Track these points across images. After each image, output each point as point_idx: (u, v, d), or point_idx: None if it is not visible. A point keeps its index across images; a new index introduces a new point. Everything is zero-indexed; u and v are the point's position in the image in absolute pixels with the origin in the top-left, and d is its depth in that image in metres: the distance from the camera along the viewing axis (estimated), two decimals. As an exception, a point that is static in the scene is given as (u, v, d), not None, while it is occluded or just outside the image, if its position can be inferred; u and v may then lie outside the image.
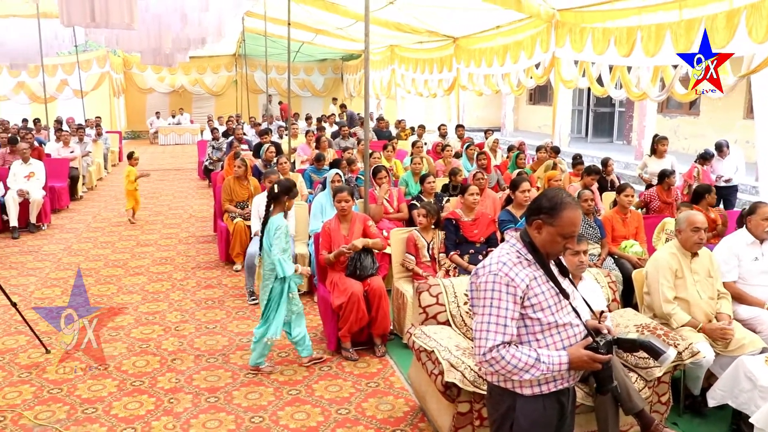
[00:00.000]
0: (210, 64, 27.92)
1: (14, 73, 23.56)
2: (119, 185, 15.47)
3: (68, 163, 13.20)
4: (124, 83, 27.97)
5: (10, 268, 8.62)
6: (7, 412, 4.86)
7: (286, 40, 12.02)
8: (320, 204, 7.31)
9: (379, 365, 5.64)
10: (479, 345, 2.84)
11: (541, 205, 2.89)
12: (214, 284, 7.89)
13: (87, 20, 8.57)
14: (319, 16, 16.40)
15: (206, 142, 16.35)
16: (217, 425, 4.64)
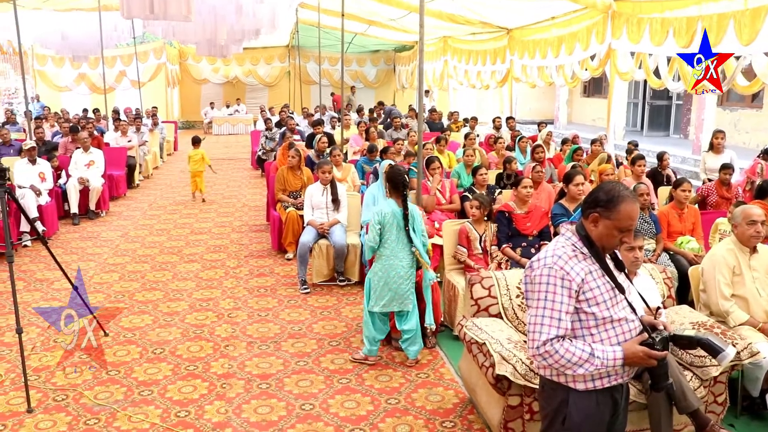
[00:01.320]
0: (263, 55, 28.18)
1: (76, 65, 24.23)
2: (174, 174, 15.83)
3: (126, 152, 13.51)
4: (179, 74, 28.47)
5: (71, 253, 8.89)
6: (69, 391, 5.03)
7: (339, 32, 12.04)
8: (372, 195, 7.31)
9: (429, 356, 5.64)
10: (533, 338, 2.82)
11: (598, 198, 2.85)
12: (267, 273, 8.00)
13: (146, 12, 8.76)
14: (372, 7, 16.40)
15: (259, 133, 16.54)
16: (268, 411, 4.70)
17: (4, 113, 18.74)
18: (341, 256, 7.36)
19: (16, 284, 5.07)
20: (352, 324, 6.35)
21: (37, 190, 9.59)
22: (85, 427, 4.50)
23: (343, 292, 7.28)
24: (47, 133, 14.19)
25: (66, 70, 25.41)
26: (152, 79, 25.90)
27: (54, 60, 24.96)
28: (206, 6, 12.18)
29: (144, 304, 6.93)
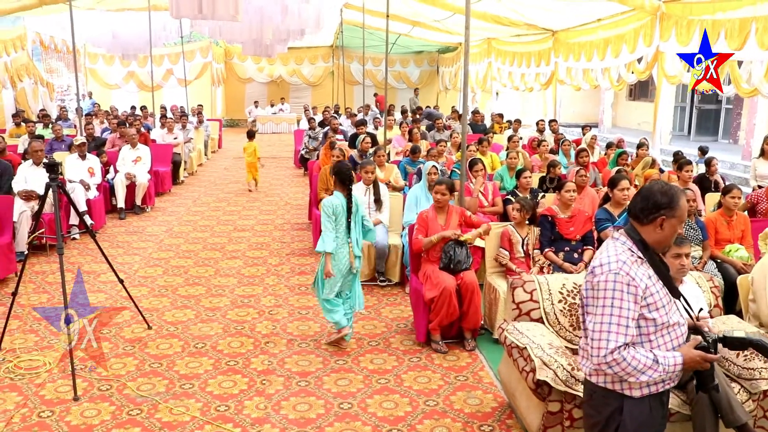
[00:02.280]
0: (308, 55, 28.37)
1: (125, 63, 24.73)
2: (218, 171, 16.03)
3: (172, 149, 13.72)
4: (224, 73, 28.81)
5: (117, 247, 9.07)
6: (113, 381, 5.14)
7: (384, 32, 12.07)
8: (415, 196, 7.33)
9: (469, 359, 5.62)
10: (599, 346, 2.79)
11: (659, 202, 2.84)
12: (308, 271, 8.05)
13: (195, 12, 8.91)
14: (417, 8, 16.39)
15: (303, 132, 16.65)
16: (307, 408, 4.74)
17: (57, 109, 19.17)
18: (382, 256, 7.37)
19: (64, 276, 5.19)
20: (392, 324, 6.37)
21: (86, 185, 9.81)
22: (128, 417, 4.59)
23: (384, 293, 7.30)
24: (97, 130, 14.51)
25: (116, 68, 25.95)
26: (198, 77, 26.28)
27: (105, 58, 25.50)
28: (253, 6, 12.32)
29: (187, 299, 7.04)
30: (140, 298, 6.76)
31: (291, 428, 4.48)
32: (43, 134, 12.90)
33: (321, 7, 13.78)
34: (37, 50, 21.04)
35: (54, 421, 4.54)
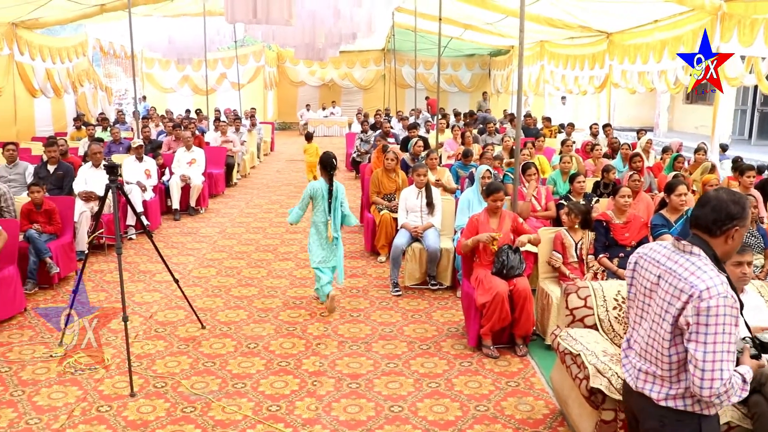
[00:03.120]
0: (359, 59, 28.51)
1: (180, 67, 25.24)
2: (270, 174, 16.22)
3: (225, 152, 13.94)
4: (277, 76, 29.16)
5: (171, 247, 9.25)
6: (168, 379, 5.25)
7: (435, 36, 12.05)
8: (467, 200, 7.29)
9: (520, 365, 5.57)
10: (713, 378, 2.62)
11: (732, 212, 2.72)
12: (359, 273, 8.09)
13: (249, 17, 9.03)
14: (469, 11, 16.32)
15: (354, 135, 16.72)
16: (358, 411, 4.75)
17: (115, 113, 19.68)
18: (434, 260, 7.35)
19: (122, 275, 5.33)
20: (443, 328, 6.35)
21: (142, 186, 10.04)
22: (182, 415, 4.68)
23: (435, 296, 7.28)
24: (153, 132, 14.82)
25: (171, 72, 26.50)
26: (251, 81, 26.64)
27: (161, 63, 26.06)
28: (305, 10, 12.44)
29: (240, 300, 7.13)
30: (194, 298, 6.88)
31: (341, 430, 4.50)
32: (102, 137, 13.23)
33: (373, 11, 13.84)
34: (97, 56, 21.64)
35: (112, 416, 4.66)
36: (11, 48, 15.61)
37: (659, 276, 2.84)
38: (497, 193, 6.00)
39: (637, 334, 3.00)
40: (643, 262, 2.99)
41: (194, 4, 16.89)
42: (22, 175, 9.26)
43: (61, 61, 18.28)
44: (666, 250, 2.89)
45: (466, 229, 6.03)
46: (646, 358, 2.91)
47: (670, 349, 2.76)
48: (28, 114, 16.89)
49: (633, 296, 3.06)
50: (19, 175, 9.25)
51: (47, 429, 4.50)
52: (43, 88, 17.42)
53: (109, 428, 4.51)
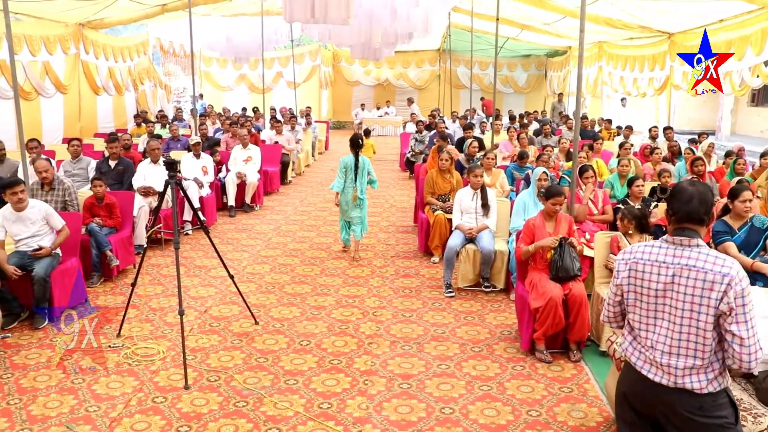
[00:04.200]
0: (414, 59, 28.50)
1: (237, 66, 25.61)
2: (325, 172, 16.32)
3: (281, 150, 14.07)
4: (332, 76, 29.35)
5: (227, 243, 9.38)
6: (221, 373, 5.32)
7: (491, 36, 11.97)
8: (523, 202, 7.21)
9: (574, 371, 5.47)
10: (757, 349, 2.85)
11: (710, 200, 3.00)
12: (412, 274, 8.06)
13: (307, 16, 9.10)
14: (527, 11, 16.16)
15: (409, 135, 16.70)
16: (408, 411, 4.73)
17: (173, 110, 20.09)
18: (488, 262, 7.28)
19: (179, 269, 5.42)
20: (496, 331, 6.28)
21: (199, 183, 10.21)
22: (234, 409, 4.73)
23: (488, 299, 7.21)
24: (210, 130, 15.07)
25: (228, 71, 26.91)
26: (307, 80, 26.86)
27: (218, 61, 26.48)
28: (362, 10, 12.47)
29: (293, 297, 7.19)
30: (248, 294, 6.96)
31: (392, 430, 4.49)
32: (161, 134, 13.52)
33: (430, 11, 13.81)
34: (157, 55, 22.10)
35: (166, 407, 4.74)
36: (77, 47, 16.10)
37: (674, 275, 2.95)
38: (558, 197, 5.90)
39: (656, 334, 3.05)
40: (642, 267, 3.06)
41: (252, 3, 17.12)
42: (85, 169, 9.52)
43: (123, 59, 18.77)
44: (666, 250, 3.02)
45: (523, 234, 5.95)
46: (680, 354, 2.97)
47: (711, 339, 2.91)
48: (91, 111, 17.37)
49: (635, 302, 3.13)
50: (83, 170, 9.50)
51: (105, 417, 4.62)
52: (106, 86, 17.89)
53: (164, 419, 4.59)
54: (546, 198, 5.98)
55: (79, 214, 7.47)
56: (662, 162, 10.63)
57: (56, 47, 15.12)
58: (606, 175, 10.12)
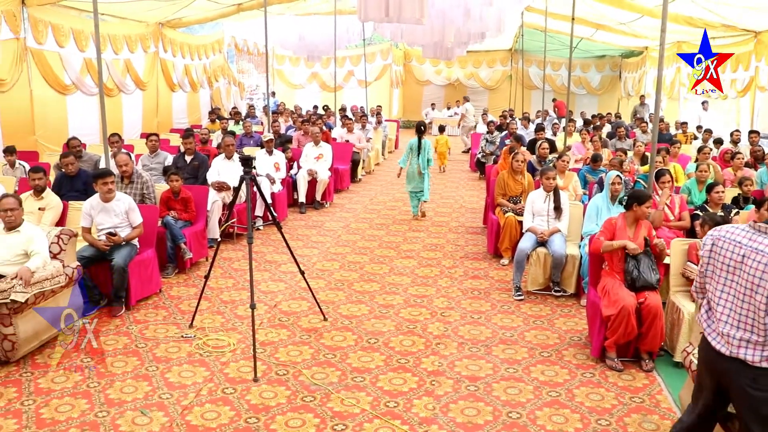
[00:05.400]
0: (486, 59, 28.28)
1: (309, 64, 25.97)
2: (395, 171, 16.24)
3: (351, 148, 14.17)
4: (403, 75, 29.40)
5: (297, 240, 9.49)
6: (290, 367, 5.39)
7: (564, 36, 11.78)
8: (596, 206, 7.05)
9: (646, 380, 5.33)
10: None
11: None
12: (481, 275, 8.00)
13: (381, 15, 9.15)
14: (602, 11, 15.83)
15: (479, 135, 16.58)
16: (475, 414, 4.70)
17: (246, 107, 20.47)
18: (559, 265, 7.16)
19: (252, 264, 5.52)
20: (566, 336, 6.17)
21: (271, 179, 10.37)
22: (302, 403, 4.79)
23: (558, 303, 7.09)
24: (282, 127, 15.28)
25: (300, 69, 27.26)
26: (378, 79, 26.98)
27: (291, 60, 26.86)
28: (436, 9, 12.45)
29: (361, 294, 7.23)
30: (317, 290, 7.02)
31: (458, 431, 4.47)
32: (235, 130, 13.78)
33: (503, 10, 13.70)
34: (231, 52, 22.58)
35: (236, 398, 4.83)
36: (157, 46, 16.63)
37: (744, 255, 3.25)
38: (649, 201, 5.75)
39: (722, 306, 3.38)
40: (723, 243, 3.38)
41: (326, 2, 17.32)
42: (162, 164, 9.79)
43: (198, 57, 19.28)
44: (744, 232, 3.32)
45: (605, 229, 5.81)
46: (739, 327, 3.27)
47: (765, 318, 3.16)
48: (167, 107, 17.91)
49: (712, 273, 3.46)
50: (160, 165, 9.77)
51: (177, 404, 4.74)
52: (181, 83, 18.40)
53: (233, 410, 4.68)
54: (639, 203, 5.78)
55: (156, 206, 7.69)
56: (744, 168, 10.23)
57: (137, 46, 15.66)
58: (683, 180, 9.80)
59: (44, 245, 5.82)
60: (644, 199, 5.76)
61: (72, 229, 6.38)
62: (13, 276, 5.39)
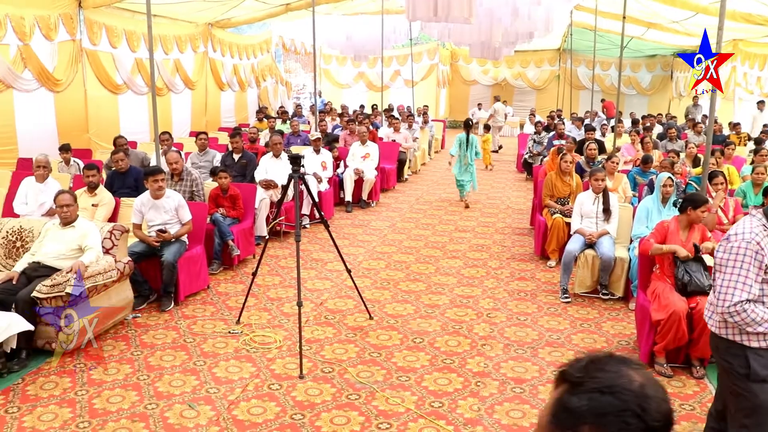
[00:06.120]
0: (533, 58, 28.03)
1: (356, 63, 26.06)
2: (440, 171, 16.32)
3: (398, 147, 14.17)
4: (449, 75, 29.31)
5: (343, 238, 9.52)
6: (335, 365, 5.41)
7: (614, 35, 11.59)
8: (646, 208, 6.92)
9: (696, 387, 5.20)
10: (724, 299, 3.44)
11: None
12: (528, 277, 7.92)
13: (430, 15, 9.13)
14: (655, 9, 15.53)
15: (527, 136, 16.44)
16: (521, 416, 4.65)
17: (293, 107, 20.66)
18: (607, 268, 7.04)
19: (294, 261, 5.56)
20: (613, 340, 6.07)
21: (318, 178, 10.43)
22: (347, 401, 4.80)
23: (605, 306, 6.97)
24: (328, 126, 15.38)
25: (347, 68, 27.40)
26: (424, 78, 26.96)
27: (337, 59, 27.02)
28: (484, 8, 12.38)
29: (407, 294, 7.22)
30: (363, 289, 7.00)
31: (504, 434, 4.43)
32: (282, 129, 13.91)
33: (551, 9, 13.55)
34: (279, 52, 22.79)
35: (281, 395, 4.87)
36: (206, 46, 16.89)
37: None
38: (705, 205, 5.62)
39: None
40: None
41: (373, 2, 17.38)
42: (211, 162, 9.93)
43: (246, 57, 19.53)
44: None
45: (656, 232, 5.69)
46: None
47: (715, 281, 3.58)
48: (216, 106, 18.18)
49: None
50: (209, 163, 9.92)
51: (224, 399, 4.80)
52: (230, 82, 18.65)
53: (279, 405, 4.72)
54: (694, 207, 5.65)
55: (204, 204, 7.81)
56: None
57: (187, 46, 15.94)
58: (737, 182, 9.56)
59: (98, 240, 5.96)
60: (700, 202, 5.62)
61: (123, 225, 6.53)
62: (68, 270, 5.53)
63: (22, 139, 11.30)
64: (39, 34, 11.39)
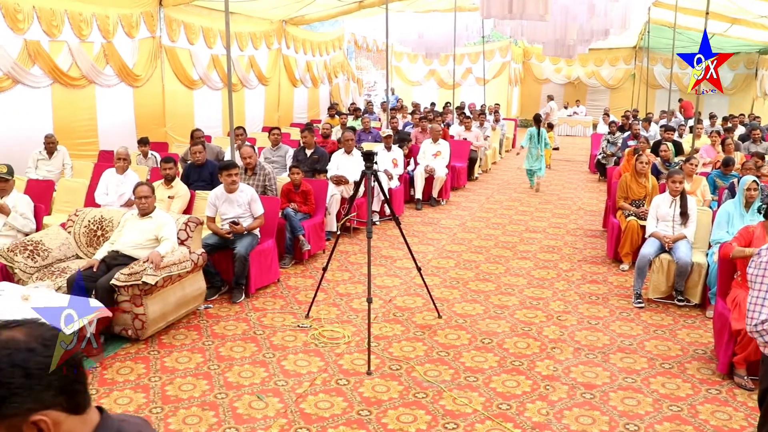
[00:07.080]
0: (608, 57, 27.40)
1: (428, 61, 26.06)
2: (511, 170, 16.19)
3: (469, 146, 14.09)
4: (521, 73, 28.97)
5: (412, 236, 9.53)
6: (402, 362, 5.42)
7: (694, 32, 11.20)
8: (727, 212, 6.67)
9: (780, 400, 5.00)
10: (752, 316, 3.32)
11: None
12: (599, 280, 7.76)
13: (504, 12, 9.04)
14: (741, 4, 14.95)
15: (600, 136, 16.11)
16: (590, 423, 4.56)
17: (364, 103, 20.78)
18: (683, 274, 6.82)
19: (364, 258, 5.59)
20: (689, 348, 5.88)
21: (389, 175, 10.46)
22: (414, 399, 4.80)
23: (680, 313, 6.76)
24: (399, 123, 15.41)
25: (418, 66, 27.39)
26: (496, 76, 26.71)
27: (409, 57, 27.03)
28: (559, 6, 12.18)
29: (476, 294, 7.17)
30: (432, 287, 6.99)
31: (574, 440, 4.36)
32: (354, 126, 14.01)
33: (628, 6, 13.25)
34: (351, 49, 22.95)
35: (349, 390, 4.91)
36: (280, 43, 17.16)
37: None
38: None
39: None
40: None
41: (446, 0, 17.32)
42: (283, 157, 10.08)
43: (319, 54, 19.76)
44: None
45: (740, 236, 5.49)
46: None
47: None
48: (288, 102, 18.45)
49: None
50: (281, 158, 10.07)
51: (292, 392, 4.88)
52: (303, 79, 18.89)
53: (346, 401, 4.76)
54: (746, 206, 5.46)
55: (277, 198, 7.93)
56: None
57: (261, 43, 16.24)
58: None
59: (173, 232, 6.12)
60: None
61: (198, 217, 6.69)
62: (144, 259, 5.71)
63: (102, 133, 11.74)
64: (121, 31, 11.83)
